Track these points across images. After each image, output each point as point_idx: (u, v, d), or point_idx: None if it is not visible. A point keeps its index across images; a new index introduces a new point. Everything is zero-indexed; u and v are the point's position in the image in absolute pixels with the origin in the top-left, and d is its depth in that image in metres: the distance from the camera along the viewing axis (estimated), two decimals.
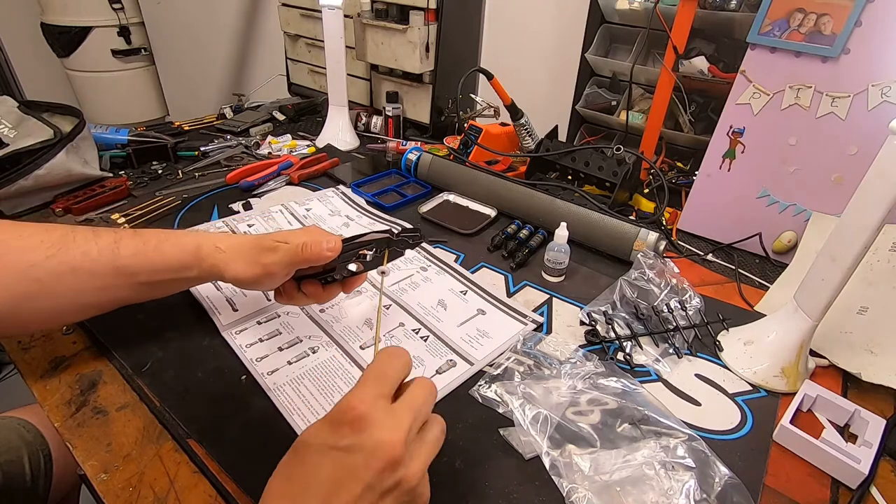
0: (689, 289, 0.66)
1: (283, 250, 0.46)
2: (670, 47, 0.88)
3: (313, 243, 0.46)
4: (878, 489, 0.46)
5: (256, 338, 0.56)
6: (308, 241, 0.47)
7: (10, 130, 0.77)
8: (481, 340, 0.58)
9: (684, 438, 0.46)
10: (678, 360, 0.59)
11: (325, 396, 0.49)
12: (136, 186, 0.88)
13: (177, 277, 0.49)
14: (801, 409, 0.53)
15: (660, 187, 0.89)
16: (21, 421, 0.64)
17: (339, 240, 0.48)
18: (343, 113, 1.11)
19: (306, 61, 1.38)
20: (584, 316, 0.62)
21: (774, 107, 0.73)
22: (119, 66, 2.07)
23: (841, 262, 0.50)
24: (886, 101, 0.65)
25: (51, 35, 1.99)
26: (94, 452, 0.44)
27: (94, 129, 0.91)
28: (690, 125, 0.97)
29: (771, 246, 0.79)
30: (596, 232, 0.75)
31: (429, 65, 1.12)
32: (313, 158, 0.99)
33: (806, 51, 0.68)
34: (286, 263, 0.47)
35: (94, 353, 0.54)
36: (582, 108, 1.10)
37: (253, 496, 0.41)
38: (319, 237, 0.48)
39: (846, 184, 0.70)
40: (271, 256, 0.47)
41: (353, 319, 0.60)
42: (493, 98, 1.06)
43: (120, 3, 1.97)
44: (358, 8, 1.15)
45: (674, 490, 0.42)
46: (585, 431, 0.46)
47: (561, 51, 1.24)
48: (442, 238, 0.78)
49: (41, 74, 2.26)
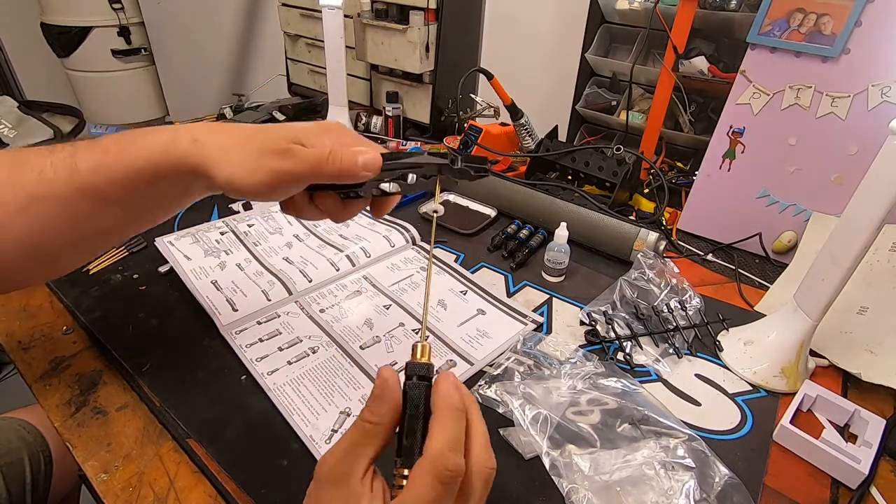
0: (689, 289, 0.66)
1: (301, 157, 0.35)
2: (670, 47, 0.88)
3: (344, 154, 0.35)
4: (878, 489, 0.46)
5: (256, 338, 0.56)
6: (337, 150, 0.35)
7: (10, 130, 0.77)
8: (481, 340, 0.58)
9: (684, 438, 0.46)
10: (678, 360, 0.59)
11: (325, 396, 0.49)
12: None
13: (159, 189, 0.38)
14: (801, 409, 0.53)
15: (660, 187, 0.89)
16: (21, 422, 0.64)
17: (377, 154, 0.36)
18: (343, 113, 1.11)
19: (306, 61, 1.38)
20: (584, 316, 0.62)
21: (774, 107, 0.73)
22: (119, 66, 2.07)
23: (841, 262, 0.50)
24: (886, 101, 0.65)
25: (51, 35, 1.99)
26: (94, 452, 0.44)
27: (93, 129, 0.91)
28: (690, 125, 0.97)
29: (771, 246, 0.79)
30: (596, 232, 0.75)
31: (429, 65, 1.12)
32: None
33: (806, 51, 0.68)
34: (303, 175, 0.35)
35: (94, 353, 0.54)
36: (582, 108, 1.10)
37: (253, 496, 0.41)
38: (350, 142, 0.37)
39: (846, 184, 0.70)
40: (284, 162, 0.35)
41: (353, 319, 0.60)
42: (493, 98, 1.06)
43: (120, 3, 1.97)
44: (358, 8, 1.15)
45: (674, 490, 0.42)
46: (585, 431, 0.46)
47: (561, 51, 1.24)
48: (442, 238, 0.79)
49: (41, 74, 2.26)
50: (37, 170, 0.36)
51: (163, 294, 0.62)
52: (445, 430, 0.28)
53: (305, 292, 0.63)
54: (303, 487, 0.42)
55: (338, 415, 0.48)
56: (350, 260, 0.69)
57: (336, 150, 0.35)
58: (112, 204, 0.38)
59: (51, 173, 0.36)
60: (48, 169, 0.36)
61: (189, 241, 0.71)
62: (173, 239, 0.71)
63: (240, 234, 0.74)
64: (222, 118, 1.21)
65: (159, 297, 0.61)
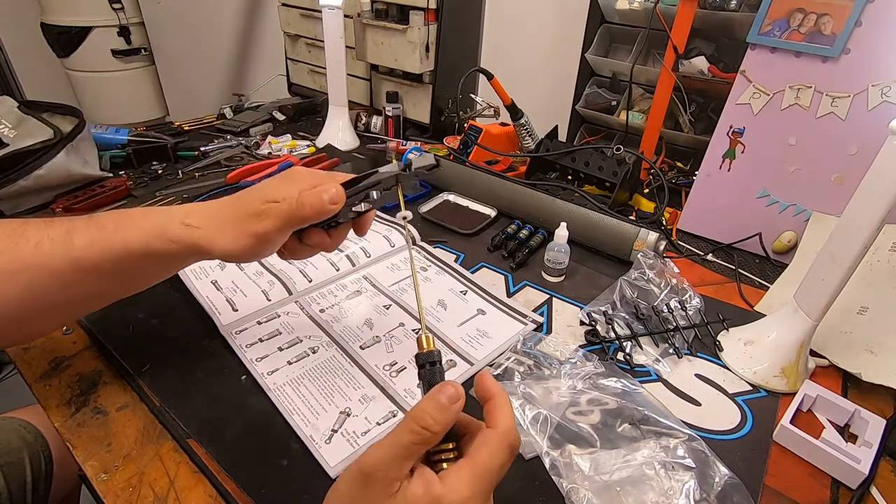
0: (689, 289, 0.66)
1: (274, 213, 0.39)
2: (670, 47, 0.88)
3: (310, 196, 0.39)
4: (878, 489, 0.46)
5: (256, 338, 0.56)
6: (304, 196, 0.39)
7: (10, 130, 0.77)
8: (481, 340, 0.58)
9: (684, 438, 0.46)
10: (678, 360, 0.59)
11: (325, 396, 0.49)
12: (136, 186, 0.88)
13: (150, 265, 0.42)
14: (801, 409, 0.53)
15: (660, 187, 0.89)
16: (21, 422, 0.64)
17: (339, 186, 0.40)
18: (343, 113, 1.12)
19: (306, 61, 1.38)
20: (584, 316, 0.62)
21: (774, 107, 0.73)
22: (119, 66, 2.07)
23: (841, 262, 0.50)
24: (886, 101, 0.65)
25: (51, 35, 1.99)
26: (94, 452, 0.44)
27: (94, 129, 0.91)
28: (690, 125, 0.97)
29: (771, 246, 0.79)
30: (596, 232, 0.75)
31: (429, 65, 1.12)
32: (313, 158, 0.99)
33: (806, 51, 0.68)
34: (281, 228, 0.40)
35: (94, 353, 0.54)
36: (582, 108, 1.10)
37: (253, 496, 0.41)
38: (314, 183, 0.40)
39: (846, 184, 0.70)
40: (262, 223, 0.39)
41: (354, 319, 0.60)
42: (493, 98, 1.06)
43: (120, 3, 1.97)
44: (358, 8, 1.15)
45: (674, 490, 0.42)
46: (585, 431, 0.46)
47: (561, 51, 1.24)
48: (442, 238, 0.78)
49: (41, 74, 2.26)
50: (33, 241, 0.40)
51: (163, 294, 0.62)
52: (508, 410, 0.32)
53: (305, 292, 0.63)
54: (303, 487, 0.42)
55: (338, 415, 0.48)
56: (350, 260, 0.69)
57: (302, 196, 0.39)
58: (104, 275, 0.41)
59: (47, 246, 0.39)
60: (45, 241, 0.40)
61: None
62: None
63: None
64: (222, 118, 1.21)
65: (159, 297, 0.61)
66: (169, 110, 2.26)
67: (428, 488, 0.28)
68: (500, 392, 0.33)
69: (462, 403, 0.30)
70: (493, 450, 0.30)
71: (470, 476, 0.29)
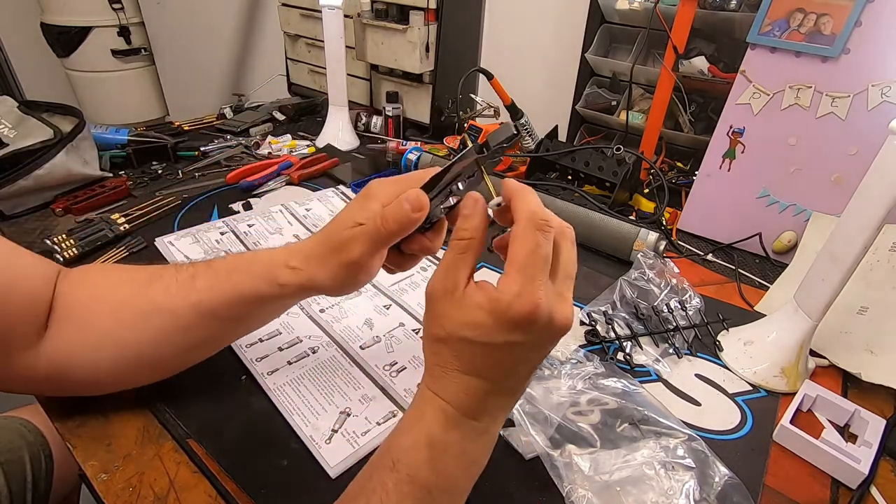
0: (689, 289, 0.66)
1: (360, 238, 0.37)
2: (670, 47, 0.88)
3: (393, 211, 0.36)
4: (878, 489, 0.46)
5: (256, 338, 0.56)
6: (387, 212, 0.37)
7: (10, 130, 0.77)
8: None
9: (684, 438, 0.46)
10: (678, 360, 0.59)
11: (325, 396, 0.49)
12: (136, 186, 0.88)
13: (262, 308, 0.43)
14: (801, 409, 0.53)
15: (660, 187, 0.89)
16: (22, 421, 0.64)
17: (419, 191, 0.37)
18: (343, 113, 1.11)
19: (306, 61, 1.38)
20: (584, 316, 0.62)
21: (774, 107, 0.73)
22: (119, 66, 2.08)
23: (841, 262, 0.50)
24: (886, 101, 0.65)
25: (51, 35, 1.99)
26: (94, 452, 0.44)
27: (94, 129, 0.91)
28: (690, 125, 0.97)
29: (771, 246, 0.79)
30: (596, 232, 0.75)
31: (429, 65, 1.12)
32: (313, 158, 0.99)
33: (806, 51, 0.68)
34: (370, 252, 0.38)
35: None
36: (582, 108, 1.10)
37: (253, 496, 0.41)
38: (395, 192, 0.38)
39: (846, 184, 0.70)
40: (350, 251, 0.38)
41: (353, 319, 0.60)
42: (493, 98, 1.06)
43: (120, 3, 1.97)
44: (358, 8, 1.15)
45: (674, 490, 0.42)
46: (585, 431, 0.46)
47: (561, 51, 1.24)
48: None
49: (41, 74, 2.26)
50: (164, 284, 0.42)
51: None
52: (528, 199, 0.34)
53: None
54: (303, 487, 0.42)
55: (338, 415, 0.48)
56: None
57: (385, 212, 0.37)
58: (220, 318, 0.42)
59: (174, 289, 0.42)
60: (173, 285, 0.42)
61: (189, 241, 0.71)
62: (173, 239, 0.71)
63: (240, 234, 0.74)
64: (222, 118, 1.21)
65: None
66: (169, 110, 2.27)
67: (486, 292, 0.32)
68: (519, 188, 0.35)
69: (482, 206, 0.35)
70: (522, 238, 0.32)
71: (515, 272, 0.31)
